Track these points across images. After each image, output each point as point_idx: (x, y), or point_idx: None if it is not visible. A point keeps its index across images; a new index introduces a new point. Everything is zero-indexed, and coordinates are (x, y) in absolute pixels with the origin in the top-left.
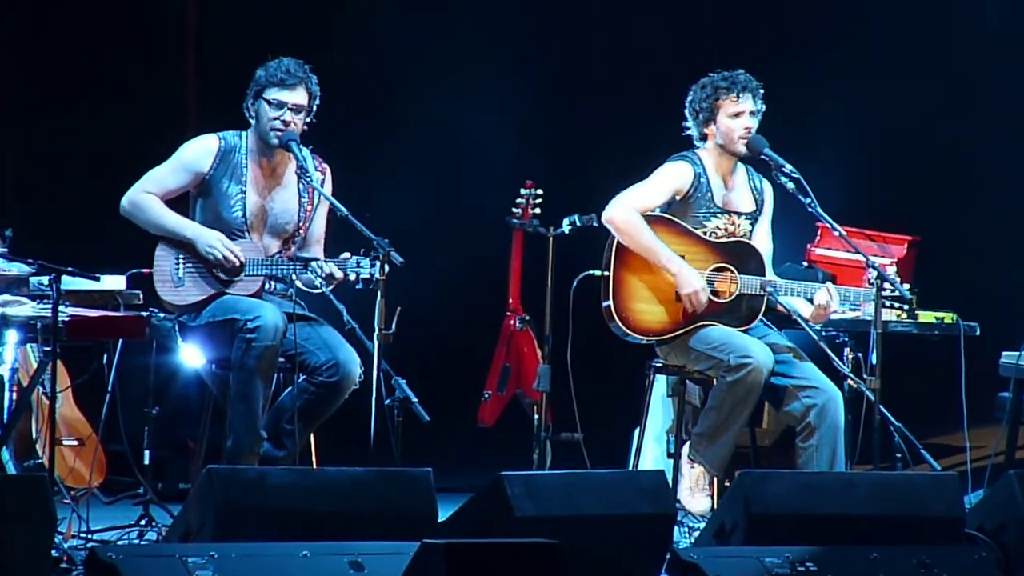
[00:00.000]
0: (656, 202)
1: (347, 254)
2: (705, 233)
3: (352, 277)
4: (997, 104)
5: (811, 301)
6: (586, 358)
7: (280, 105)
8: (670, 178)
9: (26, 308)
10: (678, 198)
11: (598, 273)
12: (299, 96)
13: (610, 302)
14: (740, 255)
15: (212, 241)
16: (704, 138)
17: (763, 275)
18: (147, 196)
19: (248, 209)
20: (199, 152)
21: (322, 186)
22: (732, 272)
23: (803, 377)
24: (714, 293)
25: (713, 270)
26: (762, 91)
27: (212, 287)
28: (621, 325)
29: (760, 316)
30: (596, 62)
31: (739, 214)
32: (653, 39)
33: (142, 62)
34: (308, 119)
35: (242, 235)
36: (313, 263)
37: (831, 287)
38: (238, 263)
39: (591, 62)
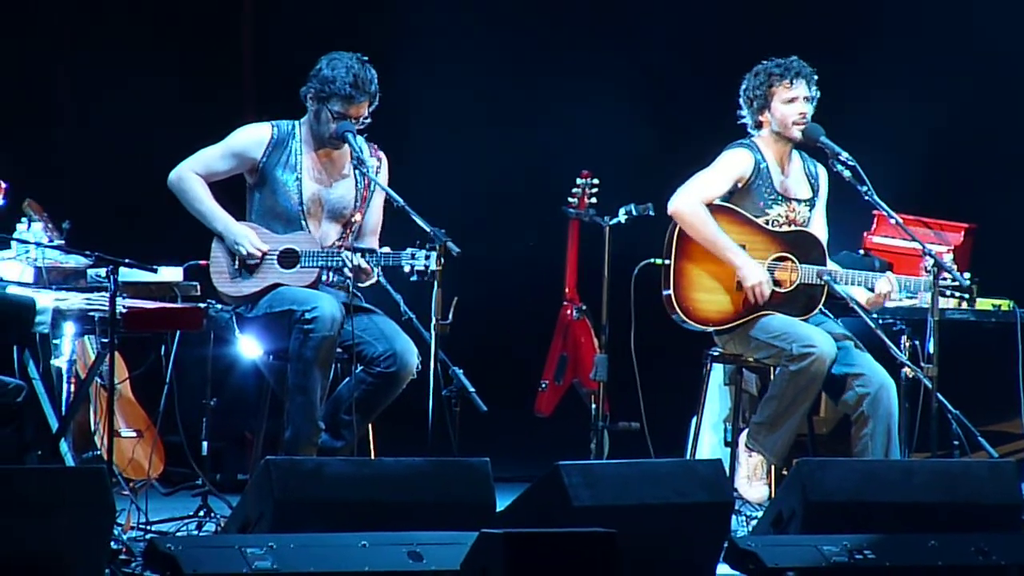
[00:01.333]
0: (720, 191)
1: (384, 248)
2: (767, 221)
3: (407, 268)
4: None
5: (871, 289)
6: (643, 347)
7: (344, 117)
8: (732, 166)
9: (76, 300)
10: (740, 186)
11: (659, 262)
12: (362, 109)
13: (671, 291)
14: (801, 244)
15: (239, 238)
16: (759, 126)
17: (824, 264)
18: (193, 176)
19: (305, 196)
20: (250, 140)
21: (377, 174)
22: (793, 261)
23: (857, 365)
24: (775, 283)
25: (774, 259)
26: (816, 77)
27: (268, 278)
28: (681, 314)
29: (820, 305)
30: (651, 54)
31: (798, 200)
32: (707, 27)
33: (200, 50)
34: (366, 121)
35: (300, 224)
36: (368, 255)
37: (891, 276)
38: (257, 256)
39: (646, 54)
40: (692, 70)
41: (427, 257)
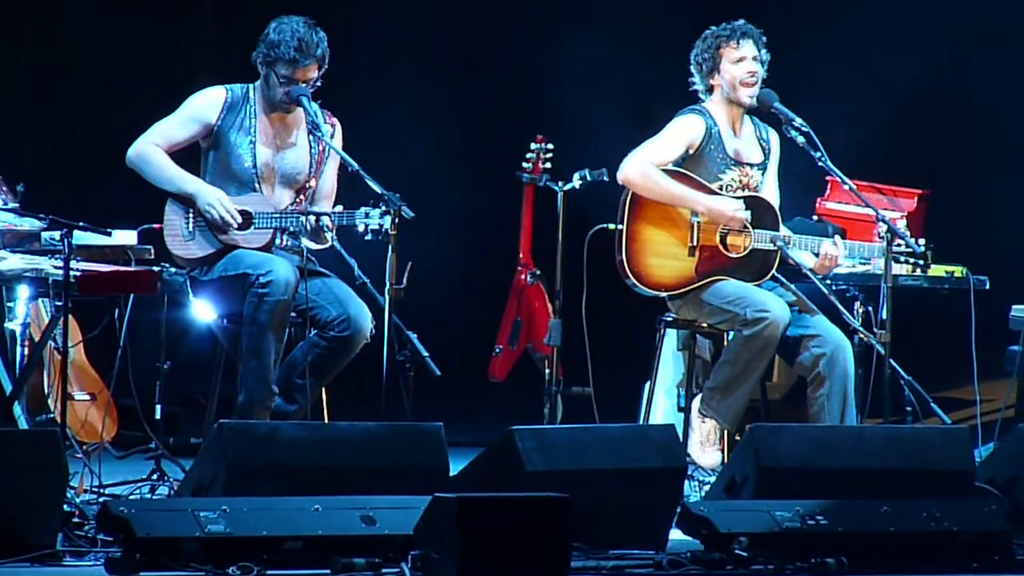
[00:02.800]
0: (670, 156)
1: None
2: (721, 187)
3: (361, 228)
4: (1009, 56)
5: (817, 255)
6: (597, 312)
7: (291, 81)
8: (683, 131)
9: (16, 261)
10: (691, 151)
11: (612, 227)
12: (310, 72)
13: (623, 256)
14: (754, 209)
15: (211, 199)
16: (710, 90)
17: (777, 229)
18: (153, 148)
19: (259, 160)
20: (206, 103)
21: (332, 139)
22: (746, 226)
23: (812, 327)
24: (728, 247)
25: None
26: (764, 39)
27: (222, 241)
28: (634, 279)
29: (773, 271)
30: (603, 16)
31: (751, 165)
32: None
33: (157, 14)
34: (317, 84)
35: (253, 187)
36: (323, 217)
37: (838, 239)
38: (235, 224)
39: (598, 16)
40: (651, 36)
41: (381, 216)
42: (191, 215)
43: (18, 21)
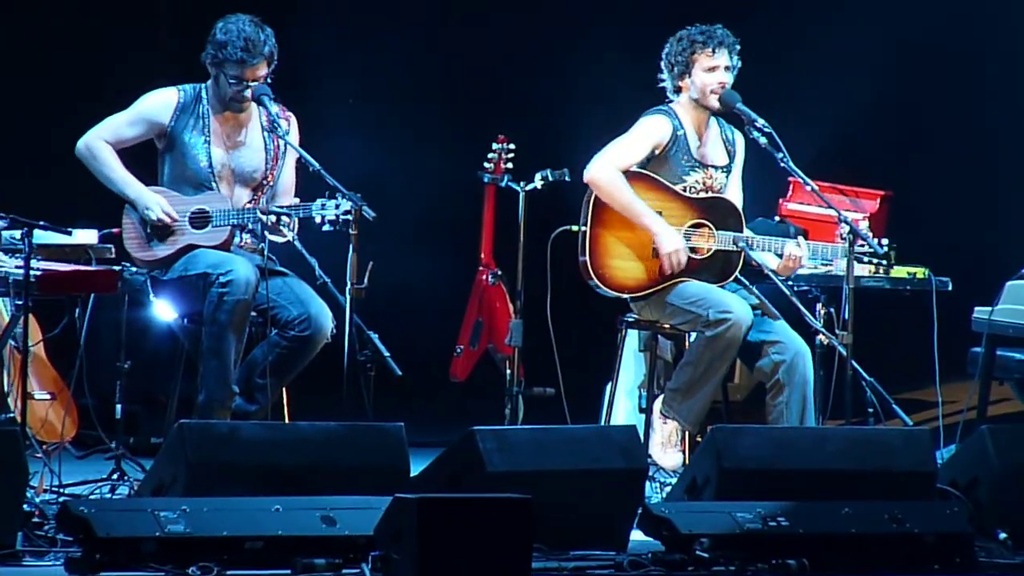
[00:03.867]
0: (636, 158)
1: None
2: (684, 188)
3: (318, 219)
4: (972, 57)
5: (780, 256)
6: (560, 313)
7: (240, 80)
8: (649, 132)
9: None
10: (657, 152)
11: (575, 228)
12: (259, 70)
13: (586, 257)
14: (718, 210)
15: (150, 203)
16: (678, 91)
17: (740, 231)
18: (101, 145)
19: (214, 160)
20: (157, 105)
21: (287, 135)
22: (710, 228)
23: (772, 332)
24: (691, 250)
25: (691, 226)
26: (739, 47)
27: (180, 240)
28: (597, 281)
29: (737, 272)
30: (568, 12)
31: (715, 167)
32: None
33: (115, 9)
34: (268, 80)
35: (210, 187)
36: (282, 216)
37: (802, 240)
38: (170, 220)
39: (563, 12)
40: (613, 35)
41: (337, 206)
42: None
43: None
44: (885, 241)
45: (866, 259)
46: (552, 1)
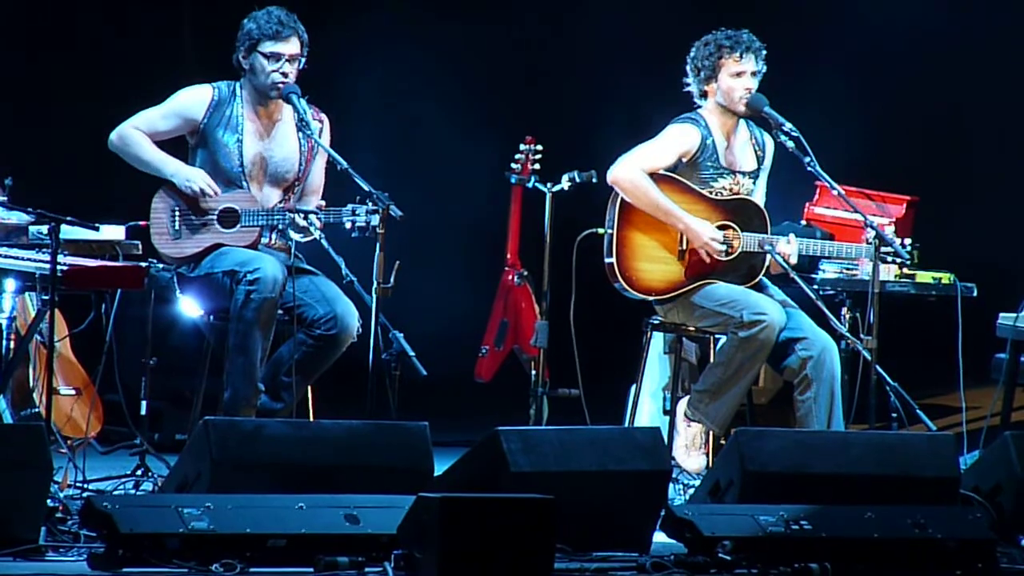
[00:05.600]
0: (662, 164)
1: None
2: (711, 192)
3: (348, 225)
4: (998, 64)
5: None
6: (584, 314)
7: (277, 57)
8: (677, 141)
9: None
10: (684, 160)
11: (601, 231)
12: (293, 46)
13: (613, 259)
14: (743, 212)
15: (191, 175)
16: (704, 95)
17: (766, 232)
18: (135, 132)
19: (246, 159)
20: (192, 100)
21: (320, 136)
22: (735, 229)
23: (798, 329)
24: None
25: (716, 227)
26: (764, 52)
27: (208, 238)
28: (624, 283)
29: (761, 274)
30: (595, 16)
31: (743, 173)
32: None
33: (139, 6)
34: (302, 67)
35: (240, 185)
36: (311, 216)
37: (792, 237)
38: (213, 196)
39: (591, 16)
40: (641, 36)
41: (368, 213)
42: (177, 213)
43: (8, 16)
44: (908, 241)
45: (890, 259)
46: (580, 3)
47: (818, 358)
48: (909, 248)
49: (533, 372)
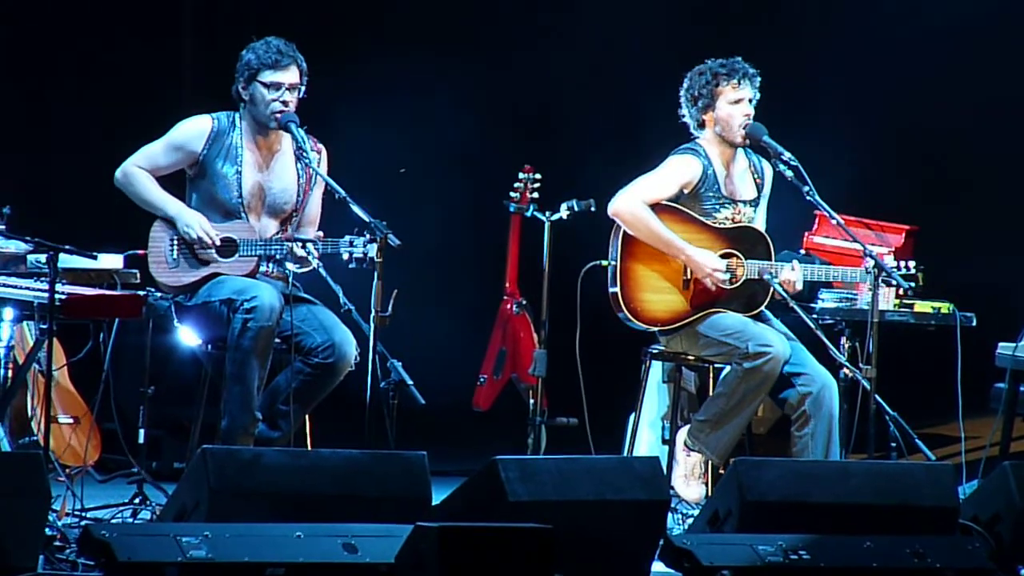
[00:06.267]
0: (663, 195)
1: (319, 232)
2: (714, 222)
3: (345, 256)
4: (996, 94)
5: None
6: (583, 343)
7: (277, 86)
8: (678, 173)
9: None
10: (686, 191)
11: (605, 263)
12: (293, 75)
13: (617, 289)
14: (746, 240)
15: (190, 221)
16: (702, 125)
17: (770, 259)
18: (138, 171)
19: (245, 189)
20: (191, 132)
21: (318, 166)
22: (739, 257)
23: (800, 364)
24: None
25: (719, 256)
26: (759, 79)
27: (206, 268)
28: (628, 314)
29: (765, 303)
30: (592, 44)
31: (743, 202)
32: (654, 23)
33: (139, 39)
34: (301, 96)
35: (239, 216)
36: (309, 245)
37: (796, 264)
38: (212, 244)
39: (587, 44)
40: (640, 65)
41: (365, 244)
42: (175, 241)
43: (7, 45)
44: (912, 264)
45: (894, 282)
46: (577, 32)
47: (817, 395)
48: (914, 271)
49: (531, 401)
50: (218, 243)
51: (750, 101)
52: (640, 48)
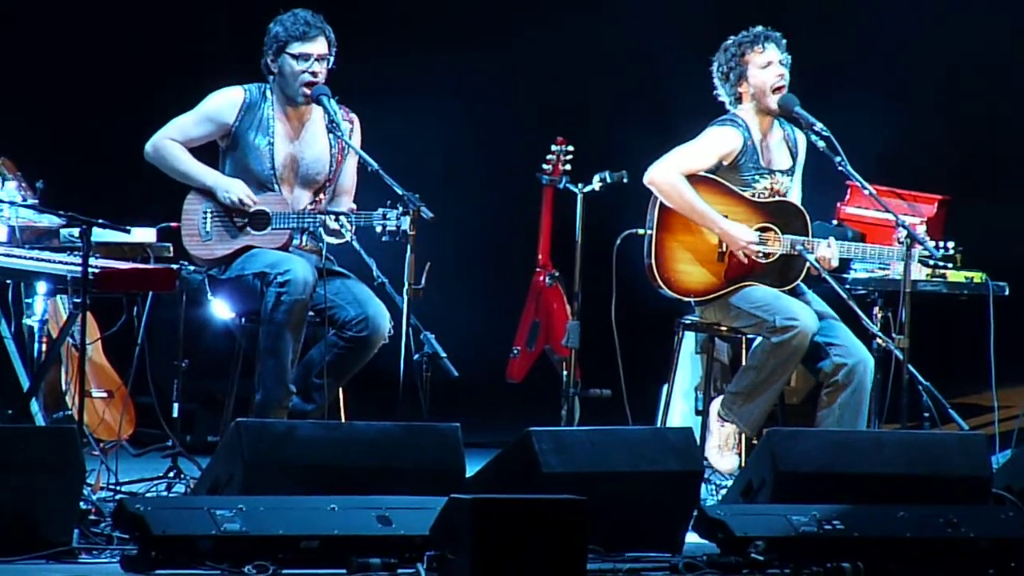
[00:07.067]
0: (702, 166)
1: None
2: (752, 195)
3: (379, 229)
4: None
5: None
6: (617, 314)
7: (306, 58)
8: (719, 143)
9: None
10: (725, 163)
11: (641, 232)
12: (321, 46)
13: (652, 260)
14: (784, 214)
15: (230, 186)
16: (739, 99)
17: (806, 234)
18: (170, 143)
19: (277, 161)
20: (223, 103)
21: (350, 136)
22: (775, 232)
23: (838, 337)
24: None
25: (756, 230)
26: (785, 40)
27: (239, 240)
28: (663, 285)
29: (801, 277)
30: (625, 15)
31: (780, 172)
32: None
33: (174, 11)
34: (331, 67)
35: (271, 188)
36: (342, 218)
37: (833, 241)
38: (252, 206)
39: (621, 15)
40: (673, 37)
41: (399, 217)
42: (208, 214)
43: (41, 21)
44: (951, 244)
45: (931, 262)
46: (610, 3)
47: (852, 367)
48: (952, 251)
49: (565, 373)
50: (258, 202)
51: (781, 63)
52: (673, 19)
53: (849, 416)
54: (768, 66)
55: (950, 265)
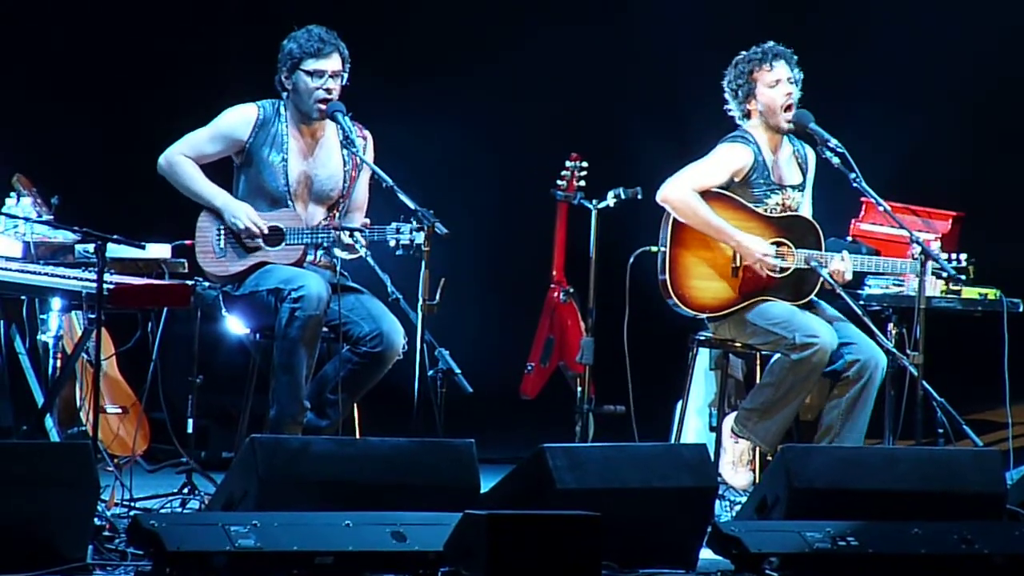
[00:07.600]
0: (714, 183)
1: (366, 220)
2: (765, 210)
3: (392, 243)
4: None
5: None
6: (630, 330)
7: (320, 74)
8: (729, 161)
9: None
10: (736, 179)
11: (654, 249)
12: (335, 63)
13: (667, 276)
14: (796, 229)
15: (237, 212)
16: (748, 115)
17: (820, 248)
18: (183, 159)
19: (291, 177)
20: (237, 120)
21: (364, 152)
22: (789, 246)
23: (850, 337)
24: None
25: (770, 244)
26: (796, 58)
27: (253, 257)
28: (677, 301)
29: (814, 292)
30: (640, 31)
31: (791, 187)
32: (696, 8)
33: (187, 29)
34: (344, 83)
35: (286, 204)
36: (356, 233)
37: (846, 255)
38: (260, 234)
39: (635, 31)
40: (685, 54)
41: (412, 232)
42: (222, 231)
43: (56, 39)
44: (964, 256)
45: (944, 275)
46: (626, 20)
47: (864, 363)
48: (964, 264)
49: (579, 389)
50: (266, 231)
51: (790, 80)
52: (688, 35)
53: (855, 409)
54: (776, 84)
55: (963, 277)
